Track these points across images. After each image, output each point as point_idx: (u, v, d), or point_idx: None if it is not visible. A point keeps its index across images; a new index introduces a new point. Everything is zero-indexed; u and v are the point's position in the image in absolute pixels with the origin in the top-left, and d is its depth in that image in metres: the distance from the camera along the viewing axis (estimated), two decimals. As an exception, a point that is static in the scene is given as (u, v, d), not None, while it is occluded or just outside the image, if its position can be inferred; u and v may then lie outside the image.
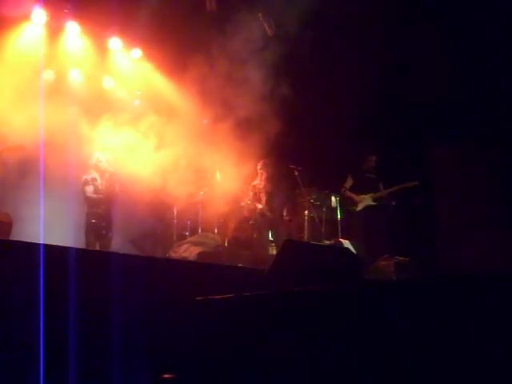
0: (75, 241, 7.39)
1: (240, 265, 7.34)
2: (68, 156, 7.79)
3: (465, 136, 7.98)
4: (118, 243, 8.01)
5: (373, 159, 8.67)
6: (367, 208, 8.52)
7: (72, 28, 8.37)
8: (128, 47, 8.92)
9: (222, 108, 8.28)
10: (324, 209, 8.97)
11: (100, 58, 8.75)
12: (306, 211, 8.76)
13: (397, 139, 8.76)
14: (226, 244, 8.68)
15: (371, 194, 8.53)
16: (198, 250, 7.93)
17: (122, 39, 8.78)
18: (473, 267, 6.76)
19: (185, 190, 8.46)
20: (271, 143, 8.21)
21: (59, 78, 8.49)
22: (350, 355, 2.68)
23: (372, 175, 8.66)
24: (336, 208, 9.03)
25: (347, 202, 8.78)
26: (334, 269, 3.99)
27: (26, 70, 7.83)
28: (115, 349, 3.91)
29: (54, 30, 8.31)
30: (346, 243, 7.98)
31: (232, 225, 8.69)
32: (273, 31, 8.39)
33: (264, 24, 8.39)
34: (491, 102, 7.67)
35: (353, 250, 6.59)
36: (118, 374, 3.84)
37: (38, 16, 8.01)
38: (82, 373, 3.78)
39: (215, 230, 8.81)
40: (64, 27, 8.38)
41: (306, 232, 8.70)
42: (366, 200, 8.53)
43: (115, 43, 8.77)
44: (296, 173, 8.61)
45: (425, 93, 7.85)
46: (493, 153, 8.04)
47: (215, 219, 8.80)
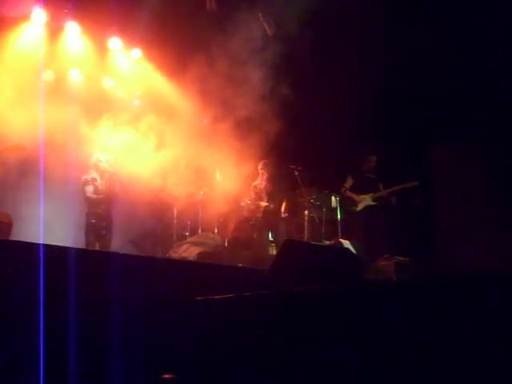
0: (75, 241, 7.40)
1: (240, 265, 7.34)
2: (68, 156, 7.79)
3: (465, 136, 7.98)
4: (118, 243, 8.01)
5: (373, 159, 8.68)
6: (367, 208, 8.52)
7: (72, 28, 8.37)
8: (128, 47, 8.92)
9: (222, 108, 8.28)
10: (324, 209, 8.97)
11: (100, 58, 8.75)
12: (306, 211, 8.76)
13: (397, 139, 8.77)
14: (226, 244, 8.69)
15: (371, 194, 8.54)
16: (198, 250, 7.94)
17: (122, 39, 8.78)
18: (473, 267, 6.76)
19: (185, 190, 8.46)
20: (271, 143, 8.21)
21: (59, 78, 8.49)
22: (350, 355, 2.68)
23: (372, 175, 8.66)
24: (336, 208, 9.03)
25: (347, 202, 8.78)
26: (334, 269, 3.99)
27: (26, 70, 7.83)
28: (115, 349, 3.91)
29: (54, 30, 8.31)
30: (346, 243, 7.98)
31: (232, 225, 8.70)
32: (273, 31, 8.39)
33: (264, 24, 8.38)
34: (491, 102, 7.67)
35: (353, 250, 6.60)
36: (118, 374, 3.84)
37: (38, 16, 8.00)
38: (82, 373, 3.78)
39: (215, 230, 8.81)
40: (64, 27, 8.38)
41: (306, 232, 8.71)
42: (366, 200, 8.53)
43: (115, 43, 8.76)
44: (296, 173, 8.61)
45: (425, 93, 7.86)
46: (493, 153, 8.05)
47: (215, 219, 8.80)
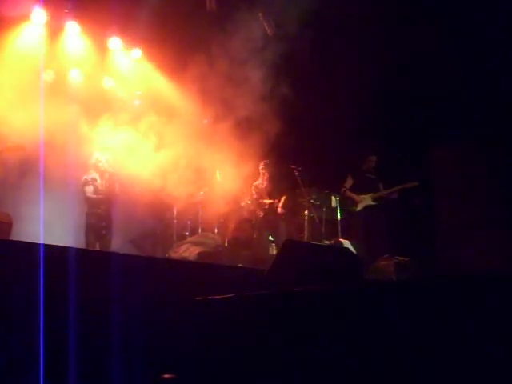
0: (75, 241, 7.40)
1: (240, 265, 7.34)
2: (68, 156, 7.79)
3: (465, 136, 7.98)
4: (118, 243, 8.01)
5: (373, 159, 8.68)
6: (367, 208, 8.52)
7: (72, 28, 8.36)
8: (128, 47, 8.91)
9: (222, 108, 8.28)
10: (324, 209, 8.97)
11: (100, 58, 8.75)
12: (306, 211, 8.76)
13: (397, 139, 8.77)
14: (226, 244, 8.68)
15: (371, 194, 8.53)
16: (198, 250, 7.94)
17: (122, 39, 8.77)
18: (473, 267, 6.76)
19: (185, 190, 8.46)
20: (271, 143, 8.21)
21: (59, 78, 8.48)
22: (350, 355, 2.68)
23: (372, 175, 8.66)
24: (336, 208, 9.02)
25: (347, 202, 8.78)
26: (334, 269, 3.99)
27: (26, 70, 7.82)
28: (115, 349, 3.91)
29: (54, 30, 8.30)
30: (346, 243, 7.98)
31: (232, 225, 8.69)
32: (273, 31, 8.39)
33: (264, 24, 8.38)
34: (491, 102, 7.66)
35: (353, 250, 6.59)
36: (118, 374, 3.84)
37: (38, 16, 8.00)
38: (82, 373, 3.78)
39: (215, 230, 8.81)
40: (64, 27, 8.38)
41: (306, 232, 8.70)
42: (366, 200, 8.53)
43: (115, 43, 8.76)
44: (296, 173, 8.60)
45: (425, 93, 7.85)
46: (493, 153, 8.04)
47: (215, 219, 8.80)
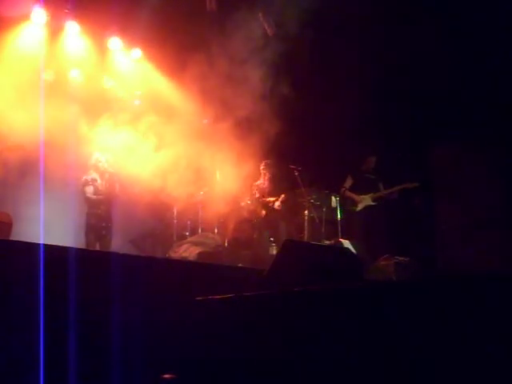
0: (75, 241, 7.40)
1: (240, 265, 7.34)
2: (68, 156, 7.79)
3: (465, 136, 7.97)
4: (118, 243, 8.02)
5: (372, 160, 8.68)
6: (367, 208, 8.52)
7: (72, 28, 8.37)
8: (128, 47, 8.92)
9: (222, 108, 8.28)
10: (324, 209, 8.96)
11: (100, 58, 8.75)
12: (306, 211, 8.75)
13: (397, 139, 8.76)
14: (226, 244, 8.68)
15: (371, 194, 8.53)
16: (198, 250, 7.95)
17: (122, 39, 8.78)
18: (473, 267, 6.76)
19: (185, 190, 8.46)
20: (271, 143, 8.20)
21: (59, 78, 8.48)
22: (350, 355, 2.68)
23: (371, 176, 8.66)
24: (336, 208, 9.02)
25: (347, 202, 8.78)
26: (334, 269, 3.99)
27: (26, 70, 7.83)
28: (115, 349, 3.91)
29: (54, 30, 8.31)
30: (346, 243, 7.98)
31: (232, 225, 8.69)
32: (273, 31, 8.39)
33: (264, 24, 8.38)
34: (491, 102, 7.66)
35: (353, 250, 6.59)
36: (118, 374, 3.84)
37: (38, 16, 8.01)
38: (82, 373, 3.77)
39: (215, 230, 8.82)
40: (64, 27, 8.38)
41: (306, 232, 8.70)
42: (366, 200, 8.53)
43: (115, 43, 8.76)
44: (296, 173, 8.60)
45: (425, 93, 7.85)
46: (493, 153, 8.04)
47: (215, 219, 8.80)
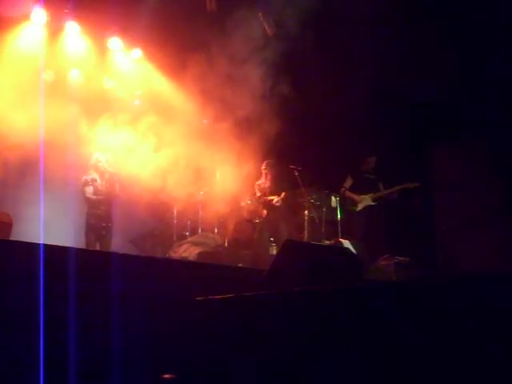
0: (75, 241, 7.40)
1: (240, 265, 7.35)
2: (68, 156, 7.79)
3: (465, 136, 7.97)
4: (118, 243, 8.02)
5: (372, 161, 8.68)
6: (367, 208, 8.52)
7: (72, 28, 8.38)
8: (128, 47, 8.92)
9: (222, 108, 8.28)
10: (324, 209, 8.96)
11: (100, 58, 8.76)
12: (306, 211, 8.75)
13: (397, 139, 8.76)
14: (226, 244, 8.69)
15: (371, 194, 8.54)
16: (198, 250, 7.95)
17: (122, 39, 8.78)
18: (473, 267, 6.76)
19: (184, 190, 8.46)
20: (271, 143, 8.20)
21: (59, 78, 8.49)
22: (350, 355, 2.68)
23: (371, 176, 8.66)
24: (336, 208, 9.02)
25: (347, 202, 8.78)
26: (334, 269, 3.99)
27: (26, 70, 7.83)
28: (115, 349, 3.91)
29: (54, 30, 8.31)
30: (346, 243, 7.98)
31: (232, 225, 8.70)
32: (273, 31, 8.40)
33: (264, 24, 8.39)
34: (491, 102, 7.66)
35: (353, 250, 6.60)
36: (118, 374, 3.84)
37: (38, 16, 8.01)
38: (82, 373, 3.77)
39: (215, 230, 8.82)
40: (64, 27, 8.39)
41: (306, 232, 8.70)
42: (366, 200, 8.53)
43: (115, 43, 8.77)
44: (296, 173, 8.60)
45: (425, 93, 7.84)
46: (493, 153, 8.04)
47: (215, 219, 8.80)
